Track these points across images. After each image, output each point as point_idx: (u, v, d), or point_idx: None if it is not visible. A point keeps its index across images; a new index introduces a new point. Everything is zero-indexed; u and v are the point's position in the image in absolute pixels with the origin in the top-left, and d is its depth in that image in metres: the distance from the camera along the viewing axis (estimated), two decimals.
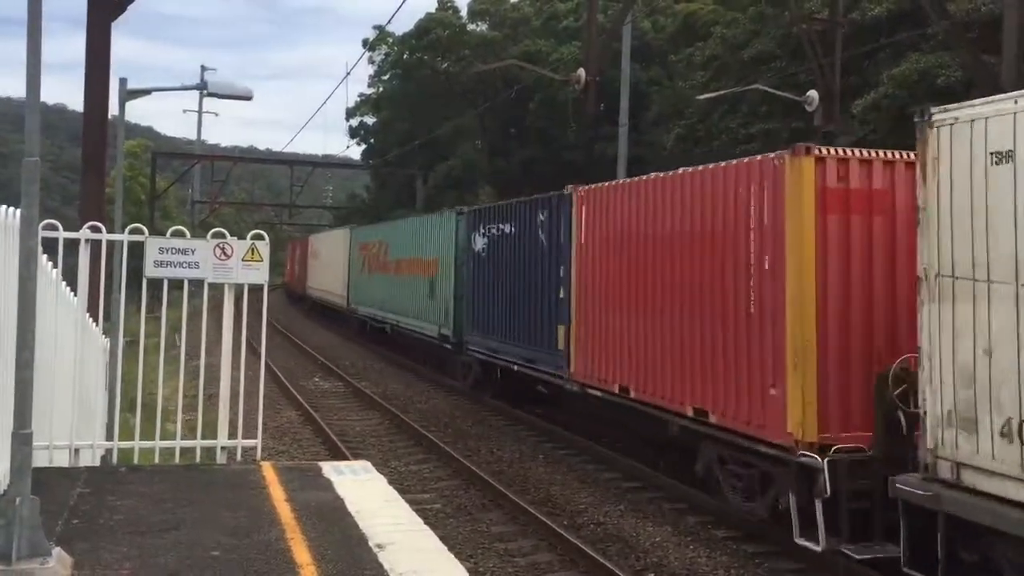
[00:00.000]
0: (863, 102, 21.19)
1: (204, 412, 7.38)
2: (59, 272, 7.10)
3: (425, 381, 23.53)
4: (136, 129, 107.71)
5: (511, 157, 45.70)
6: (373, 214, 53.69)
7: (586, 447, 14.79)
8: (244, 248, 7.10)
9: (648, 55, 39.90)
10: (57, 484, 6.19)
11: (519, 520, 11.06)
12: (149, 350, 8.84)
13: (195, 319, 7.51)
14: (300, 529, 5.47)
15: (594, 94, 13.34)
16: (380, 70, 57.25)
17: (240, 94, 12.05)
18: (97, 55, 10.94)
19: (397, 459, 14.55)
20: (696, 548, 10.12)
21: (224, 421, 7.33)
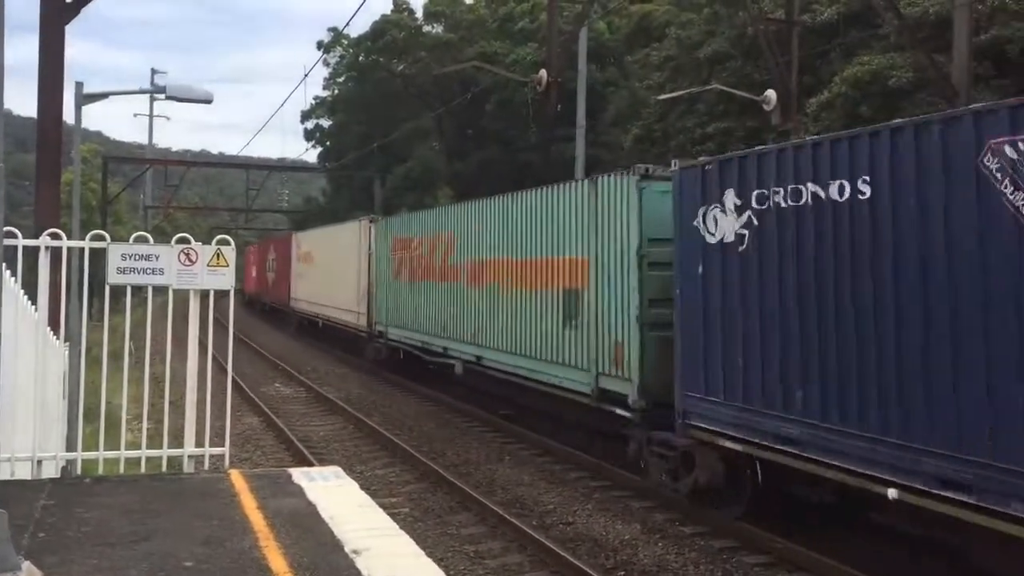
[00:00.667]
0: (817, 100, 21.50)
1: (169, 420, 7.27)
2: (19, 281, 6.95)
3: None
4: (86, 134, 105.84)
5: (468, 158, 45.70)
6: (330, 218, 53.32)
7: (552, 448, 14.81)
8: (209, 253, 7.00)
9: (604, 56, 40.12)
10: (21, 497, 6.05)
11: (488, 522, 11.04)
12: (111, 358, 8.68)
13: (158, 325, 7.39)
14: (274, 536, 5.40)
15: (556, 95, 13.36)
16: (335, 72, 56.97)
17: (200, 97, 11.88)
18: (51, 59, 10.72)
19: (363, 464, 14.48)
20: (665, 545, 10.19)
21: (191, 429, 7.21)
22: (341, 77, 56.38)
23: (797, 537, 9.66)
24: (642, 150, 29.42)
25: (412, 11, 51.74)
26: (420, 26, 51.15)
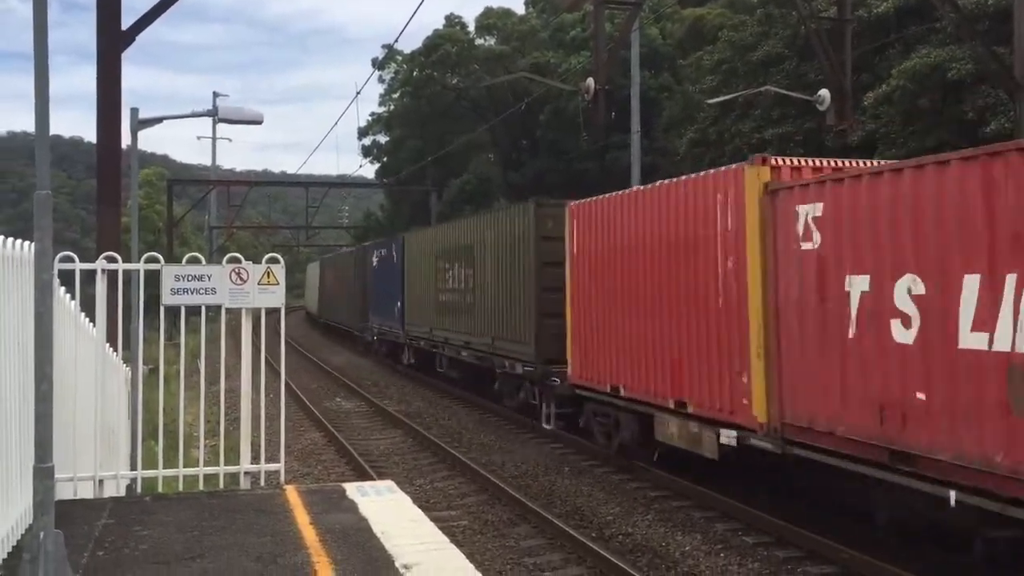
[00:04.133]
0: (874, 94, 21.07)
1: (226, 437, 7.38)
2: (77, 303, 7.13)
3: None
4: (151, 158, 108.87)
5: (524, 169, 45.78)
6: (389, 232, 53.87)
7: (609, 457, 14.70)
8: (260, 272, 7.10)
9: (657, 62, 39.91)
10: (82, 516, 6.19)
11: (547, 534, 10.98)
12: (169, 377, 8.85)
13: (214, 344, 7.51)
14: (326, 552, 5.43)
15: (604, 103, 13.30)
16: (390, 88, 57.58)
17: (250, 119, 12.08)
18: (108, 86, 11.01)
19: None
20: (727, 555, 10.00)
21: (246, 446, 7.31)
22: (396, 93, 56.96)
23: (865, 547, 9.41)
24: (697, 155, 29.15)
25: (464, 25, 52.11)
26: (473, 39, 51.46)
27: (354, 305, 38.47)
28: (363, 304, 36.15)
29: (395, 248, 30.23)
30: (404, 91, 54.98)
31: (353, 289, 38.77)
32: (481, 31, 51.84)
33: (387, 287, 30.85)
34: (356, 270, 38.32)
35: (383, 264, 32.09)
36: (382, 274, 31.97)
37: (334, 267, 49.32)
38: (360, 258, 37.93)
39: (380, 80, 57.63)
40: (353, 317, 38.86)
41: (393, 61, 54.41)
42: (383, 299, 31.49)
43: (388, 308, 30.49)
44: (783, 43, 26.83)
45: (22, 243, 5.67)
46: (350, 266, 40.83)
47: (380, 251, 33.11)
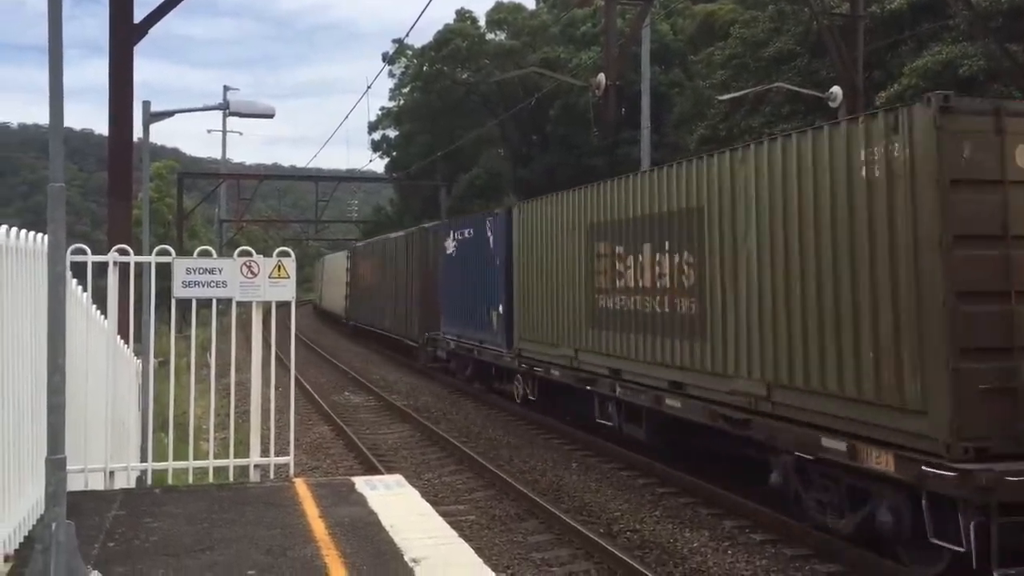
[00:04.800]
0: (887, 93, 20.99)
1: (236, 430, 7.40)
2: (89, 295, 7.16)
3: None
4: (162, 151, 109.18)
5: (534, 164, 45.77)
6: (398, 226, 53.90)
7: (618, 454, 14.70)
8: (271, 265, 7.12)
9: (668, 57, 39.85)
10: (93, 507, 6.22)
11: (554, 529, 10.99)
12: (180, 370, 8.88)
13: (224, 337, 7.54)
14: (335, 545, 5.45)
15: (614, 99, 13.28)
16: (400, 83, 57.63)
17: (262, 112, 12.10)
18: (120, 79, 11.05)
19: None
20: (735, 553, 10.00)
21: (256, 439, 7.33)
22: (406, 88, 57.00)
23: (871, 546, 9.40)
24: (709, 151, 29.10)
25: (475, 20, 52.11)
26: (483, 34, 51.47)
27: (406, 307, 29.78)
28: (424, 307, 27.11)
29: (494, 226, 20.12)
30: (414, 86, 55.04)
31: (406, 286, 29.93)
32: (492, 26, 51.84)
33: (474, 283, 21.25)
34: (413, 261, 29.06)
35: (467, 250, 22.15)
36: (465, 265, 22.22)
37: (373, 257, 38.01)
38: (419, 244, 28.62)
39: (390, 75, 57.70)
40: (404, 323, 30.08)
41: (403, 56, 54.46)
42: (467, 300, 21.79)
43: (476, 313, 21.03)
44: (795, 40, 26.76)
45: (35, 235, 5.71)
46: (400, 255, 31.24)
47: (461, 232, 22.77)
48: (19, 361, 5.34)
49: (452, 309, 23.43)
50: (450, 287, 23.62)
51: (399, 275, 31.20)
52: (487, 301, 20.23)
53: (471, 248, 21.89)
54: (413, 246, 29.63)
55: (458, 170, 49.53)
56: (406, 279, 30.10)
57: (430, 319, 26.14)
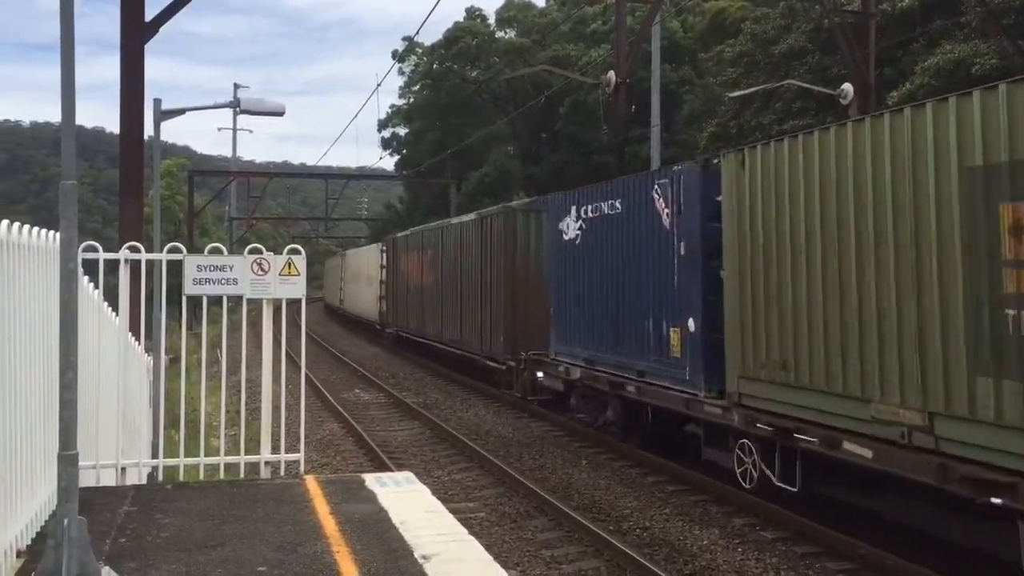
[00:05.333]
0: (899, 93, 20.91)
1: (247, 427, 7.42)
2: (100, 293, 7.18)
3: None
4: (172, 148, 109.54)
5: (543, 162, 45.76)
6: (408, 225, 53.95)
7: (627, 451, 14.68)
8: (281, 263, 7.13)
9: (678, 55, 39.79)
10: (105, 503, 6.25)
11: (564, 526, 10.99)
12: (191, 367, 8.91)
13: (235, 334, 7.55)
14: (345, 542, 5.46)
15: (624, 96, 13.26)
16: (410, 81, 57.70)
17: (272, 110, 12.12)
18: (131, 77, 11.08)
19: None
20: (745, 550, 9.99)
21: (267, 436, 7.35)
22: (416, 85, 57.06)
23: (881, 543, 9.37)
24: (718, 148, 29.03)
25: (485, 17, 52.11)
26: (493, 32, 51.48)
27: (483, 315, 22.33)
28: (514, 315, 20.38)
29: (671, 192, 12.92)
30: (424, 83, 55.08)
31: (481, 286, 22.64)
32: (501, 24, 51.85)
33: (624, 282, 14.31)
34: (493, 253, 21.87)
35: (607, 233, 14.94)
36: (602, 255, 15.08)
37: (424, 250, 29.14)
38: (503, 230, 21.26)
39: (400, 72, 57.77)
40: (479, 336, 22.71)
41: (413, 53, 54.50)
42: (606, 308, 14.91)
43: (628, 329, 14.24)
44: (806, 37, 26.68)
45: (47, 233, 5.73)
46: (471, 246, 23.68)
47: (593, 207, 15.47)
48: (31, 358, 5.36)
49: (574, 320, 16.21)
50: (570, 288, 16.40)
51: (469, 272, 23.90)
52: (655, 310, 13.36)
53: (616, 229, 14.64)
54: (492, 233, 22.12)
55: (468, 168, 49.56)
56: (481, 277, 22.74)
57: (524, 333, 19.60)
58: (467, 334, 23.86)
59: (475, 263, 23.37)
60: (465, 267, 24.32)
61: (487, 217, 22.85)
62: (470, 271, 23.81)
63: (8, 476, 4.86)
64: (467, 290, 24.08)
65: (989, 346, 7.68)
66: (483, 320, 22.41)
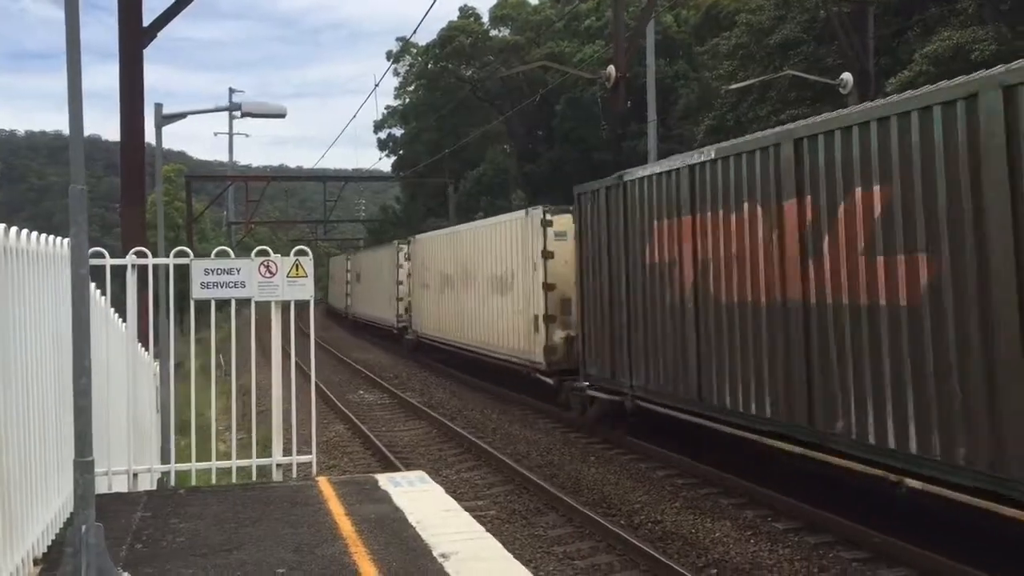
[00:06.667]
0: (896, 81, 20.89)
1: (257, 430, 7.39)
2: (108, 299, 7.15)
3: None
4: (169, 154, 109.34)
5: (540, 160, 45.72)
6: (406, 225, 53.87)
7: (636, 446, 14.67)
8: (289, 265, 7.10)
9: (672, 49, 39.72)
10: (119, 509, 6.22)
11: (575, 522, 10.97)
12: (199, 371, 8.88)
13: (242, 338, 7.53)
14: (363, 542, 5.43)
15: (624, 91, 13.24)
16: (405, 81, 57.66)
17: (273, 112, 12.09)
18: (130, 83, 11.04)
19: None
20: (757, 542, 9.97)
21: (278, 438, 7.33)
22: (411, 86, 57.02)
23: (895, 532, 9.36)
24: (715, 141, 29.02)
25: (479, 16, 52.05)
26: (487, 31, 51.42)
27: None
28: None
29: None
30: (419, 84, 55.04)
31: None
32: (495, 22, 51.81)
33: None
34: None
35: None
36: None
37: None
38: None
39: (395, 73, 57.71)
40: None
41: (408, 54, 54.44)
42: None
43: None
44: (800, 27, 26.66)
45: (54, 239, 5.70)
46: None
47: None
48: (42, 366, 5.33)
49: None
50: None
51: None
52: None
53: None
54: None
55: (465, 167, 49.53)
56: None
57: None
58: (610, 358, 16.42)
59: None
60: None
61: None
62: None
63: (24, 484, 4.83)
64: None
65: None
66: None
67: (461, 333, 24.84)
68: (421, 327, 30.45)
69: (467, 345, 24.32)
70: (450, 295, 26.34)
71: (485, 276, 22.54)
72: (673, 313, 12.98)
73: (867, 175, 9.09)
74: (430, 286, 29.05)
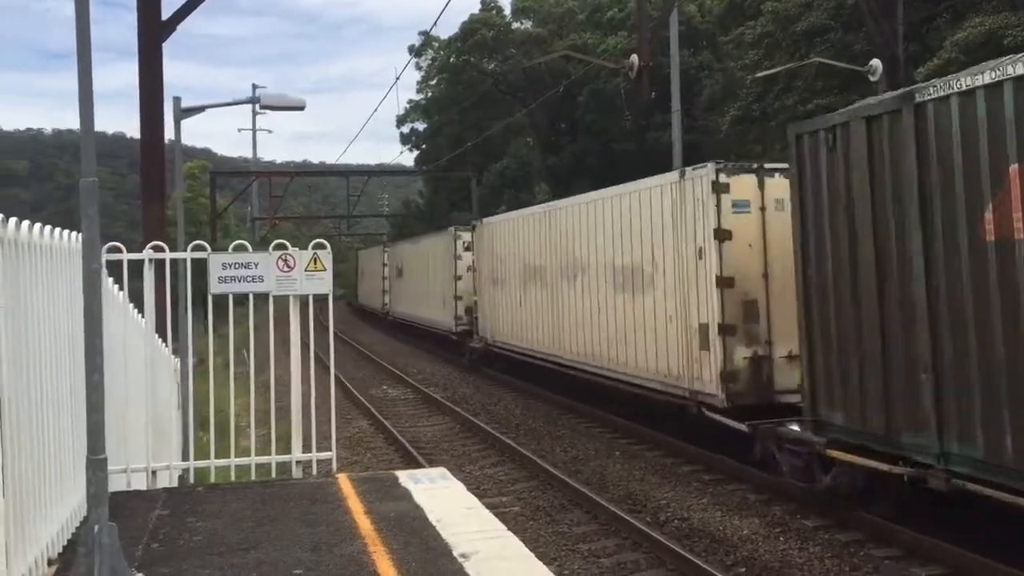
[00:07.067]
0: (926, 69, 20.51)
1: (277, 426, 7.30)
2: (125, 294, 7.08)
3: None
4: (193, 151, 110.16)
5: (563, 152, 45.45)
6: (429, 219, 53.77)
7: (662, 441, 14.48)
8: (306, 258, 6.99)
9: (696, 40, 39.33)
10: (136, 507, 6.14)
11: (600, 519, 10.82)
12: (218, 367, 8.81)
13: (261, 333, 7.42)
14: (381, 541, 5.31)
15: (647, 80, 13.02)
16: (427, 75, 57.53)
17: (293, 104, 11.99)
18: (150, 77, 10.99)
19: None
20: (787, 540, 9.78)
21: (297, 435, 7.23)
22: (433, 80, 56.89)
23: (927, 528, 9.14)
24: (740, 132, 28.68)
25: (500, 9, 51.80)
26: (509, 23, 51.16)
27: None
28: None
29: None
30: (441, 78, 54.89)
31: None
32: (517, 14, 51.52)
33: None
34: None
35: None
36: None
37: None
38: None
39: (417, 67, 57.61)
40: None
41: (430, 47, 54.32)
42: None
43: None
44: (827, 14, 26.26)
45: (69, 234, 5.61)
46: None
47: None
48: (57, 362, 5.25)
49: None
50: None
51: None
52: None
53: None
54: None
55: (488, 160, 49.32)
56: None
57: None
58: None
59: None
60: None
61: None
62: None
63: (38, 483, 4.75)
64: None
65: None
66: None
67: (558, 344, 19.21)
68: (492, 333, 24.59)
69: (569, 361, 18.58)
70: (538, 294, 20.41)
71: (602, 267, 16.96)
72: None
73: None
74: (505, 282, 23.24)
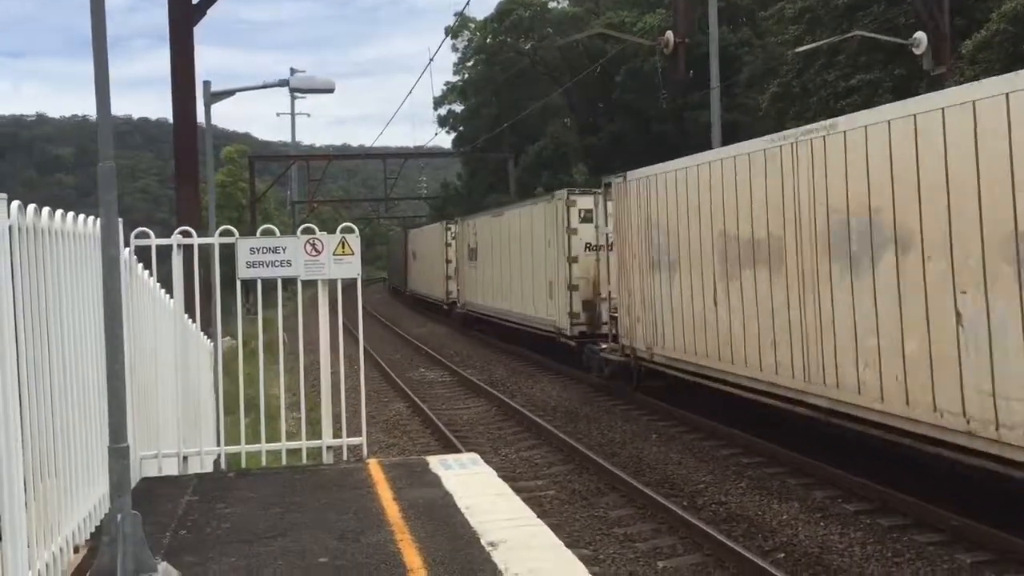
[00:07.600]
0: (973, 41, 19.93)
1: (308, 411, 7.25)
2: (155, 279, 7.05)
3: None
4: (233, 136, 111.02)
5: (601, 132, 45.09)
6: (467, 201, 53.66)
7: (699, 424, 14.30)
8: (334, 242, 6.91)
9: (736, 16, 38.73)
10: (166, 494, 6.13)
11: (636, 503, 10.69)
12: (249, 352, 8.79)
13: (291, 318, 7.37)
14: (409, 529, 5.24)
15: (683, 57, 12.77)
16: (464, 57, 57.36)
17: (321, 87, 11.92)
18: (182, 61, 10.96)
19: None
20: (827, 524, 9.58)
21: (327, 420, 7.17)
22: (470, 61, 56.69)
23: (973, 513, 8.89)
24: (781, 109, 28.19)
25: None
26: (545, 3, 50.79)
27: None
28: None
29: None
30: (478, 59, 54.68)
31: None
32: None
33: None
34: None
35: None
36: None
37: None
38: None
39: (454, 49, 57.43)
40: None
41: (466, 29, 54.11)
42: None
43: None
44: None
45: (95, 220, 5.57)
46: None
47: None
48: (85, 349, 5.22)
49: None
50: None
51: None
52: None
53: None
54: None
55: (525, 141, 49.07)
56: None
57: None
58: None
59: None
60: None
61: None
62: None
63: (64, 470, 4.72)
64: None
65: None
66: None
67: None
68: (649, 341, 15.89)
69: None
70: (760, 286, 12.30)
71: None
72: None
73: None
74: (677, 265, 14.88)
